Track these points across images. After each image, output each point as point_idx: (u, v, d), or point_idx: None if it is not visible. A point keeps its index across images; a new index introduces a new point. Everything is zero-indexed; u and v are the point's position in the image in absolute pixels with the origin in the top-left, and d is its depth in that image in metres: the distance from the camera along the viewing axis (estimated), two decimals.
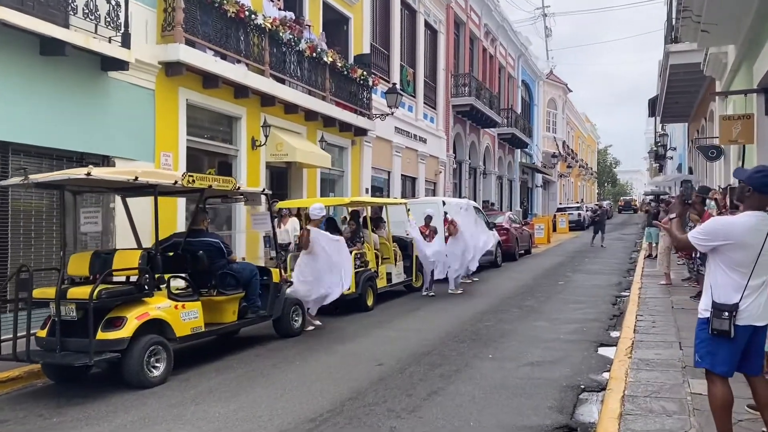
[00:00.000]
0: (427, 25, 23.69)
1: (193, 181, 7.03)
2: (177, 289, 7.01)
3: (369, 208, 12.00)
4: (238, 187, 7.73)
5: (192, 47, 11.11)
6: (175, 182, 6.86)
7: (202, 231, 7.68)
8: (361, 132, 17.48)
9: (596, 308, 10.94)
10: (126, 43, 9.54)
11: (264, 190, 8.38)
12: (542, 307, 11.11)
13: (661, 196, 24.65)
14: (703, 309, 4.09)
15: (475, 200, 29.90)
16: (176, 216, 10.87)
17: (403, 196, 20.16)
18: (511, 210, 29.37)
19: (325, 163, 14.70)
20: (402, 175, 21.20)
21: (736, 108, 11.04)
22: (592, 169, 71.32)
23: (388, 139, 19.84)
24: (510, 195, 37.55)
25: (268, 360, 7.47)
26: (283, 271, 8.66)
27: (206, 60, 11.20)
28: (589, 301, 11.74)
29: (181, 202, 10.80)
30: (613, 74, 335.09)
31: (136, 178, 6.42)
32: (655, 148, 39.26)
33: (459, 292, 12.79)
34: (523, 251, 22.05)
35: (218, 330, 7.56)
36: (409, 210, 12.82)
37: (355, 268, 10.56)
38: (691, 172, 22.05)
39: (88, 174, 5.97)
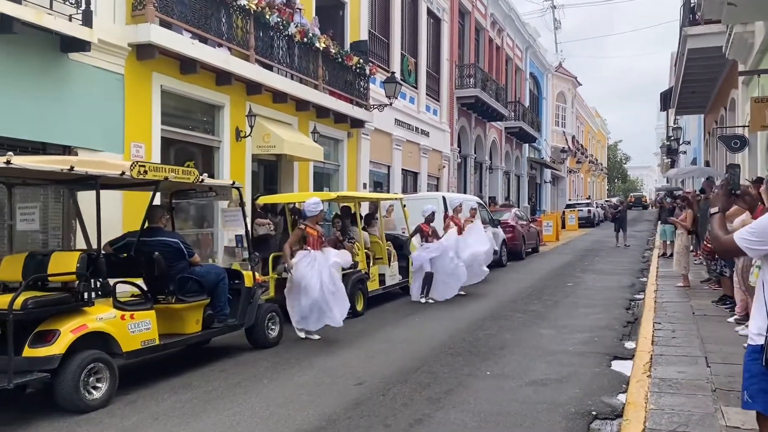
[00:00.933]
0: (429, 12, 22.69)
1: (145, 171, 6.10)
2: (125, 297, 6.10)
3: (358, 204, 11.00)
4: (201, 179, 6.80)
5: (168, 29, 10.21)
6: (122, 173, 5.94)
7: (159, 229, 6.75)
8: (358, 123, 16.53)
9: (608, 313, 9.96)
10: (87, 21, 8.63)
11: (234, 183, 7.44)
12: (549, 312, 10.13)
13: (675, 192, 23.54)
14: (756, 333, 3.11)
15: (480, 196, 28.99)
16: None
17: (404, 192, 19.18)
18: (518, 206, 28.27)
19: (316, 156, 13.77)
20: (403, 169, 20.24)
21: (766, 91, 10.00)
22: (602, 164, 70.06)
23: (387, 131, 18.88)
24: (518, 191, 36.52)
25: (233, 377, 6.54)
26: (256, 274, 7.70)
27: (182, 42, 10.27)
28: (601, 305, 10.75)
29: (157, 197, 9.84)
30: (625, 69, 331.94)
31: (72, 168, 5.50)
32: (668, 143, 38.10)
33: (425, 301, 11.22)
34: (530, 249, 21.05)
35: (177, 342, 6.63)
36: (405, 206, 11.86)
37: (343, 270, 9.62)
38: (708, 165, 20.96)
39: (8, 162, 5.05)
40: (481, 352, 7.40)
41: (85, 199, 8.67)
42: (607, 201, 50.57)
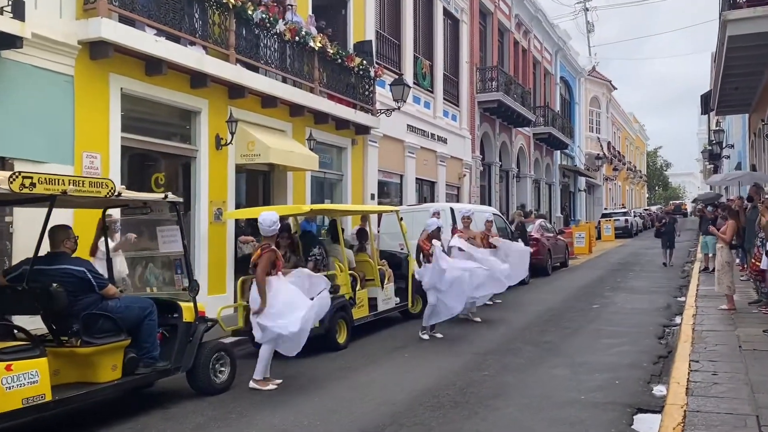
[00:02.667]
0: (446, 13, 21.33)
1: (32, 185, 4.87)
2: (4, 343, 4.86)
3: (339, 219, 9.59)
4: (117, 193, 5.54)
5: (131, 25, 9.09)
6: None
7: (62, 255, 5.51)
8: (364, 130, 15.22)
9: (636, 345, 8.40)
10: (19, 14, 7.53)
11: (167, 196, 6.18)
12: (565, 344, 8.60)
13: (719, 200, 21.53)
14: None
15: (507, 206, 27.40)
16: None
17: (421, 203, 17.77)
18: (543, 218, 26.51)
19: (311, 165, 12.49)
20: (417, 178, 18.84)
21: None
22: (641, 172, 67.40)
23: (399, 138, 17.53)
24: (549, 200, 34.71)
25: None
26: (197, 305, 6.41)
27: (142, 40, 9.11)
28: (629, 333, 9.17)
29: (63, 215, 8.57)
30: (665, 74, 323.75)
31: None
32: (710, 147, 35.85)
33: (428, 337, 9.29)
34: (558, 264, 19.42)
35: (84, 396, 5.35)
36: (401, 219, 10.47)
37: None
38: (754, 169, 19.04)
39: None
40: (468, 404, 5.95)
41: (24, 216, 7.63)
42: (646, 209, 48.21)
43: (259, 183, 12.82)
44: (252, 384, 6.63)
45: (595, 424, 5.33)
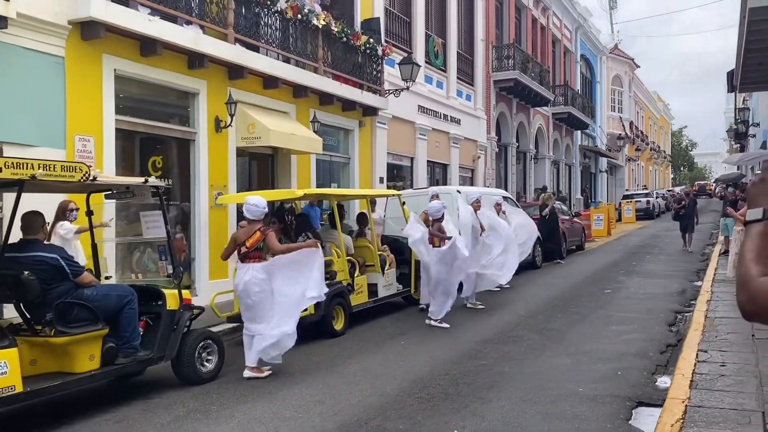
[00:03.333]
0: None
1: None
2: None
3: (334, 203, 9.27)
4: (93, 177, 5.32)
5: (124, 5, 8.87)
6: None
7: (35, 242, 5.33)
8: (371, 111, 14.90)
9: (645, 333, 8.05)
10: None
11: (147, 180, 5.95)
12: (570, 331, 8.29)
13: (740, 181, 20.80)
14: None
15: (524, 188, 26.92)
16: (100, 217, 8.61)
17: (433, 186, 17.43)
18: (565, 200, 26.00)
19: (314, 148, 12.21)
20: (429, 161, 18.49)
21: None
22: (665, 152, 66.07)
23: (409, 119, 17.17)
24: (569, 181, 34.09)
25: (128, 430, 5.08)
26: (181, 292, 6.20)
27: (134, 19, 8.88)
28: (638, 320, 8.83)
29: (109, 204, 8.42)
30: (691, 52, 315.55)
31: None
32: (735, 126, 34.85)
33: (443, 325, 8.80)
34: (574, 247, 18.99)
35: (59, 387, 5.19)
36: (404, 203, 10.17)
37: None
38: None
39: None
40: (460, 395, 5.69)
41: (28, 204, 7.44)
42: (669, 191, 47.21)
43: (262, 167, 12.60)
44: (247, 373, 6.42)
45: (590, 419, 5.04)
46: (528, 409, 5.30)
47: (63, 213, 7.43)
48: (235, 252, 6.56)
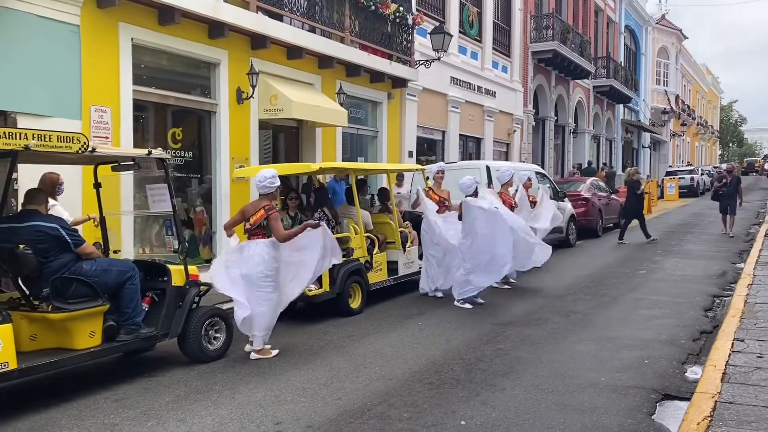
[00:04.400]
0: None
1: None
2: None
3: (353, 177, 8.92)
4: (91, 149, 5.13)
5: None
6: None
7: (34, 213, 5.17)
8: (401, 83, 14.47)
9: (677, 318, 7.61)
10: None
11: (150, 152, 5.74)
12: (599, 314, 7.89)
13: None
14: None
15: (562, 163, 26.20)
16: (119, 193, 8.49)
17: (465, 160, 17.00)
18: (609, 175, 25.15)
19: (339, 121, 11.89)
20: (462, 135, 18.00)
21: None
22: (712, 127, 63.76)
23: (441, 91, 16.69)
24: (609, 157, 33.08)
25: (127, 410, 4.93)
26: (188, 268, 6.02)
27: None
28: (672, 304, 8.36)
29: (126, 176, 8.26)
30: (745, 24, 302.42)
31: None
32: None
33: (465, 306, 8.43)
34: (611, 225, 18.35)
35: (55, 364, 5.05)
36: (428, 178, 9.81)
37: None
38: None
39: None
40: (472, 382, 5.39)
41: (30, 173, 7.32)
42: (715, 167, 45.55)
43: (286, 139, 12.36)
44: (253, 355, 6.21)
45: (609, 412, 4.69)
46: (543, 399, 4.97)
47: (52, 187, 6.58)
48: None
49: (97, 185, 6.42)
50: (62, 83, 8.10)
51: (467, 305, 8.34)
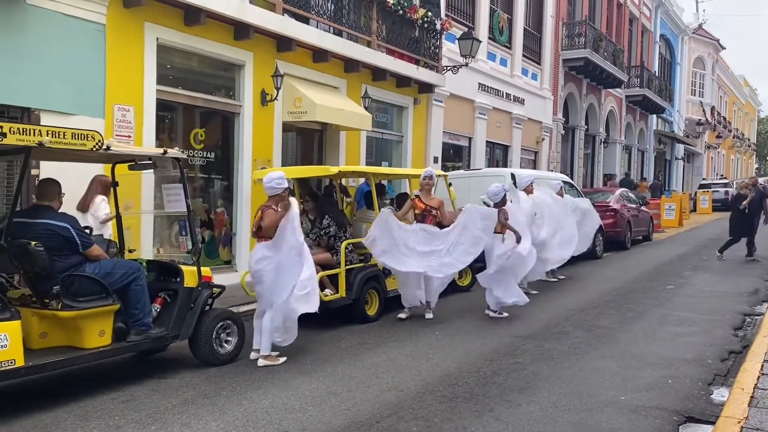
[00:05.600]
0: None
1: (2, 135, 4.48)
2: None
3: (372, 181, 8.75)
4: (106, 147, 5.09)
5: None
6: None
7: (48, 209, 5.14)
8: (427, 88, 14.35)
9: (706, 336, 7.32)
10: None
11: (166, 151, 5.68)
12: (622, 330, 7.63)
13: None
14: None
15: (592, 173, 25.80)
16: (140, 189, 8.51)
17: (490, 168, 16.80)
18: (655, 187, 24.70)
19: (363, 125, 11.80)
20: (489, 141, 17.79)
21: None
22: (749, 140, 62.34)
23: (468, 98, 16.51)
24: (641, 168, 32.49)
25: (132, 413, 4.87)
26: (200, 270, 5.95)
27: None
28: (700, 321, 8.07)
29: (147, 175, 8.24)
30: None
31: None
32: None
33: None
34: (641, 237, 17.96)
35: (60, 363, 5.00)
36: (450, 185, 9.65)
37: (348, 264, 7.70)
38: None
39: None
40: (486, 397, 5.21)
41: (67, 173, 7.29)
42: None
43: (310, 142, 12.31)
44: (261, 362, 6.06)
45: None
46: (559, 418, 4.78)
47: (106, 189, 7.05)
48: None
49: (114, 184, 6.41)
50: (86, 81, 8.13)
51: (504, 314, 8.25)
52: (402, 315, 8.05)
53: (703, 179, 40.59)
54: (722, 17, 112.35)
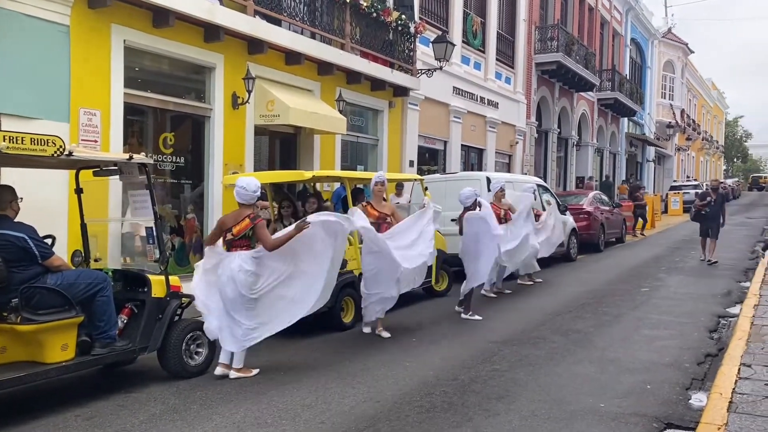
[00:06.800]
0: None
1: None
2: None
3: (349, 186, 8.61)
4: (68, 152, 4.88)
5: None
6: None
7: (4, 219, 4.91)
8: (402, 91, 14.25)
9: (681, 339, 7.31)
10: None
11: (131, 157, 5.48)
12: (599, 334, 7.59)
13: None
14: None
15: (565, 176, 25.96)
16: (107, 197, 8.26)
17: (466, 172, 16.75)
18: (605, 187, 24.97)
19: (337, 128, 11.65)
20: (464, 145, 17.74)
21: None
22: (717, 142, 63.47)
23: (443, 101, 16.45)
24: (613, 170, 32.79)
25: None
26: (169, 279, 5.75)
27: None
28: (676, 324, 8.07)
29: (114, 182, 8.00)
30: (753, 39, 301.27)
31: None
32: None
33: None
34: (614, 239, 18.09)
35: (17, 381, 4.76)
36: (426, 189, 9.56)
37: None
38: None
39: None
40: (464, 406, 5.10)
41: (30, 178, 7.03)
42: (720, 182, 45.19)
43: (284, 146, 12.13)
44: (233, 374, 5.86)
45: None
46: (538, 427, 4.69)
47: (80, 192, 6.84)
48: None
49: (79, 191, 6.18)
50: (50, 85, 7.86)
51: (476, 317, 8.32)
52: (366, 329, 7.68)
53: (674, 181, 41.16)
54: (690, 22, 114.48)
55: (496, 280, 10.17)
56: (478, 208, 8.79)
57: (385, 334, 7.42)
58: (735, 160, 78.63)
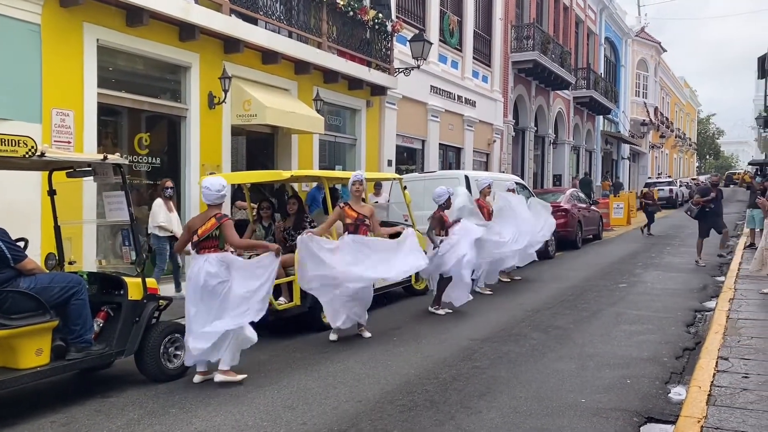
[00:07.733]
0: None
1: None
2: None
3: (327, 186, 8.58)
4: (40, 153, 4.77)
5: None
6: None
7: None
8: (380, 90, 14.23)
9: (660, 333, 7.38)
10: None
11: (106, 157, 5.38)
12: (579, 330, 7.64)
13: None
14: None
15: (542, 174, 26.13)
16: (81, 199, 8.13)
17: (445, 170, 16.78)
18: (585, 183, 25.21)
19: (314, 128, 11.60)
20: (442, 144, 17.79)
21: None
22: (690, 139, 64.41)
23: (421, 100, 16.47)
24: (588, 168, 33.11)
25: None
26: (146, 281, 5.65)
27: None
28: (653, 319, 8.14)
29: (89, 183, 7.86)
30: (724, 39, 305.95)
31: None
32: (765, 113, 33.61)
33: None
34: (591, 236, 18.23)
35: None
36: (405, 188, 9.54)
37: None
38: None
39: None
40: (446, 404, 5.09)
41: (1, 180, 6.87)
42: (693, 179, 45.91)
43: (261, 146, 12.03)
44: (218, 377, 5.69)
45: None
46: (520, 424, 4.69)
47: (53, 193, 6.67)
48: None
49: (52, 192, 6.05)
50: (21, 85, 7.73)
51: (448, 310, 8.57)
52: (333, 337, 7.27)
53: (649, 178, 41.64)
54: (663, 21, 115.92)
55: (483, 277, 10.15)
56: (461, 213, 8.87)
57: (367, 334, 7.37)
58: (708, 157, 79.84)
